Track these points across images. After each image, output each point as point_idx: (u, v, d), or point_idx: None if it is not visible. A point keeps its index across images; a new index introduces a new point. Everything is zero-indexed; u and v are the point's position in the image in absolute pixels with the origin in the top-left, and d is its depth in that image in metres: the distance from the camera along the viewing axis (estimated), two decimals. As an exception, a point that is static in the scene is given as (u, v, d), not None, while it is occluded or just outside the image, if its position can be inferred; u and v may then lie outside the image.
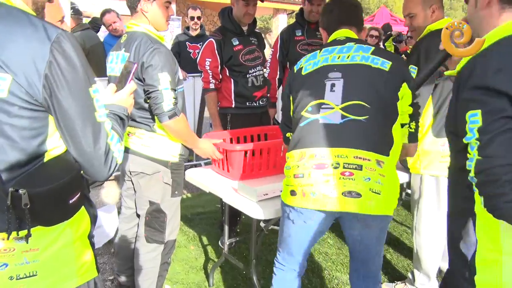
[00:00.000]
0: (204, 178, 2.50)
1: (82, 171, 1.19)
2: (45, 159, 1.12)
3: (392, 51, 5.34)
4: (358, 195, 1.61)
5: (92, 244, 1.29)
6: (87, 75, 1.14)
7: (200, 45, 4.82)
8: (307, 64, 1.84)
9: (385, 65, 1.74)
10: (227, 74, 3.06)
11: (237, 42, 3.04)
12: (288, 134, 1.98)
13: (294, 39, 3.42)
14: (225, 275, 2.87)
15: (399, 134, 1.75)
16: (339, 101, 1.69)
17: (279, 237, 1.92)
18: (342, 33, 1.88)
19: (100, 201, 4.19)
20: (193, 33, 4.93)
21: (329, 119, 1.68)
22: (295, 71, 1.87)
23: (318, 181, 1.64)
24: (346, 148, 1.64)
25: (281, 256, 1.95)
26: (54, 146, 1.14)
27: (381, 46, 5.27)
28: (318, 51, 1.85)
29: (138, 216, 2.30)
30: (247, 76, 3.07)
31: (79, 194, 1.15)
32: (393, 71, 1.73)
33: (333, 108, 1.69)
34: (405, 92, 1.74)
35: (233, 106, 3.08)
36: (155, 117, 2.07)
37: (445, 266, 2.67)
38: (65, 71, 1.09)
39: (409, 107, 1.79)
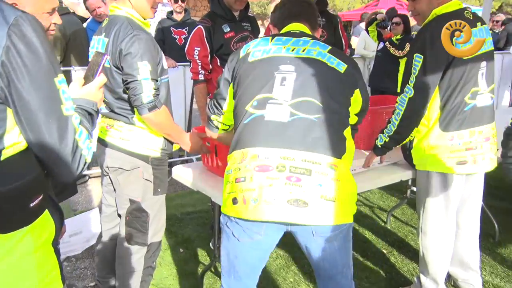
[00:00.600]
0: (192, 176, 2.46)
1: (46, 171, 1.13)
2: (2, 157, 1.07)
3: (375, 37, 5.26)
4: (305, 204, 1.51)
5: (57, 252, 1.24)
6: (51, 64, 1.09)
7: (186, 30, 4.84)
8: (256, 50, 1.72)
9: (341, 66, 1.70)
10: (218, 64, 3.02)
11: (228, 29, 3.00)
12: (214, 118, 1.86)
13: None
14: (216, 280, 2.83)
15: (351, 140, 1.71)
16: (289, 97, 1.61)
17: (222, 260, 1.75)
18: (296, 26, 1.83)
19: (84, 200, 4.14)
20: (178, 17, 4.88)
21: (276, 116, 1.58)
22: (240, 55, 1.75)
23: (261, 185, 1.51)
24: (293, 149, 1.55)
25: (226, 283, 1.76)
26: (13, 142, 1.09)
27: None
28: (270, 37, 1.76)
29: (120, 215, 2.26)
30: None
31: (41, 196, 1.09)
32: (348, 74, 1.70)
33: (281, 104, 1.60)
34: (356, 99, 1.72)
35: None
36: (135, 109, 2.03)
37: (454, 271, 2.64)
38: (26, 58, 1.04)
39: (355, 116, 1.75)
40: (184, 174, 2.48)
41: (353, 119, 1.75)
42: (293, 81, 1.62)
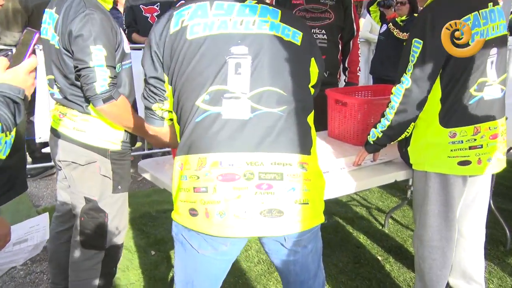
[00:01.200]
0: (159, 171, 2.34)
1: None
2: None
3: (377, 19, 5.08)
4: (280, 213, 1.43)
5: None
6: None
7: (157, 6, 4.75)
8: (194, 23, 1.49)
9: (297, 37, 1.54)
10: None
11: None
12: (157, 107, 1.60)
13: (291, 2, 3.34)
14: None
15: (313, 126, 1.60)
16: (247, 88, 1.46)
17: (176, 275, 1.64)
18: None
19: (50, 194, 4.04)
20: None
21: (235, 113, 1.44)
22: (172, 28, 1.50)
23: (228, 197, 1.41)
24: (260, 152, 1.44)
25: None
26: None
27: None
28: (207, 3, 1.52)
29: (75, 215, 2.17)
30: None
31: None
32: (304, 45, 1.55)
33: (239, 97, 1.45)
34: (313, 70, 1.58)
35: None
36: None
37: (456, 283, 2.54)
38: None
39: (312, 88, 1.62)
40: (150, 169, 2.36)
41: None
42: (249, 68, 1.46)
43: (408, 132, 2.21)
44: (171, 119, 1.63)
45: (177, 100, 1.52)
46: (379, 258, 3.13)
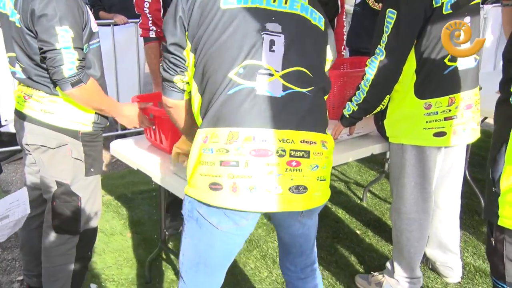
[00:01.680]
0: (132, 152, 2.33)
1: None
2: None
3: None
4: (305, 189, 1.49)
5: None
6: None
7: None
8: None
9: (321, 22, 1.61)
10: None
11: None
12: (178, 79, 1.57)
13: None
14: (167, 268, 2.74)
15: None
16: (279, 66, 1.48)
17: (184, 255, 1.63)
18: None
19: (19, 179, 3.97)
20: None
21: (269, 90, 1.46)
22: None
23: (259, 172, 1.43)
24: (291, 130, 1.47)
25: (191, 281, 1.65)
26: None
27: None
28: None
29: (46, 200, 2.13)
30: None
31: None
32: (326, 31, 1.63)
33: (273, 75, 1.47)
34: (328, 58, 1.67)
35: None
36: None
37: (432, 253, 2.60)
38: None
39: None
40: (123, 150, 2.36)
41: None
42: (282, 46, 1.49)
43: (383, 105, 2.21)
44: (190, 91, 1.61)
45: (202, 70, 1.50)
46: (358, 232, 3.17)
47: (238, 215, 1.48)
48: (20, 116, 2.03)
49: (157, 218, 3.31)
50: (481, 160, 4.14)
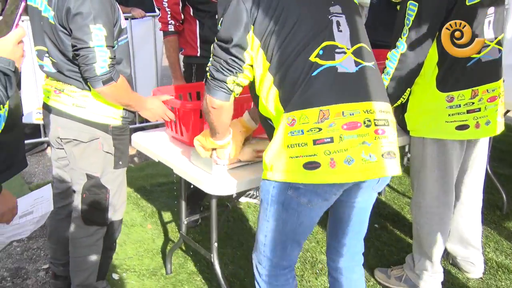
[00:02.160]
0: (153, 144, 2.37)
1: None
2: None
3: None
4: (394, 155, 1.63)
5: None
6: None
7: None
8: None
9: (358, 2, 1.78)
10: (191, 13, 2.90)
11: None
12: (231, 79, 1.62)
13: None
14: (185, 260, 2.79)
15: None
16: (348, 44, 1.62)
17: (267, 236, 1.73)
18: None
19: (41, 171, 4.04)
20: None
21: (345, 66, 1.59)
22: None
23: (353, 144, 1.54)
24: (370, 101, 1.60)
25: (278, 257, 1.76)
26: None
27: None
28: None
29: (75, 191, 2.19)
30: (216, 16, 2.84)
31: None
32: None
33: (345, 52, 1.60)
34: None
35: (198, 54, 2.94)
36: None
37: (453, 248, 2.61)
38: None
39: None
40: (144, 142, 2.39)
41: None
42: (346, 25, 1.63)
43: (404, 98, 2.21)
44: (238, 93, 1.68)
45: (278, 60, 1.58)
46: (376, 226, 3.18)
47: (330, 191, 1.60)
48: (49, 110, 2.08)
49: (176, 210, 3.34)
50: (501, 154, 4.11)
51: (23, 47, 1.30)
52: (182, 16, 2.90)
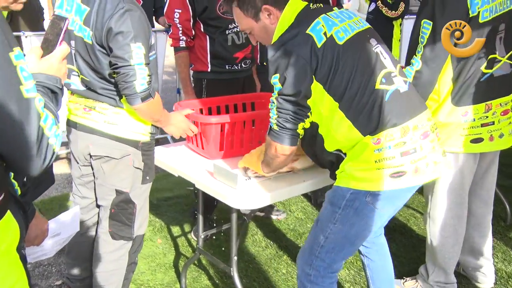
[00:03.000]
0: (172, 159, 2.42)
1: (5, 165, 1.05)
2: None
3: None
4: (444, 154, 1.96)
5: (23, 259, 1.16)
6: (4, 35, 0.99)
7: None
8: (334, 31, 1.81)
9: None
10: (201, 29, 2.96)
11: None
12: (300, 125, 1.84)
13: None
14: (199, 274, 2.82)
15: None
16: (393, 67, 1.87)
17: (328, 238, 1.91)
18: (298, 3, 1.90)
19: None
20: None
21: (401, 86, 1.85)
22: (319, 41, 1.76)
23: (429, 150, 1.84)
24: (425, 110, 1.90)
25: (331, 259, 1.94)
26: None
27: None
28: (324, 15, 1.84)
29: (98, 206, 2.23)
30: (226, 32, 2.94)
31: (2, 196, 1.00)
32: None
33: (396, 75, 1.86)
34: None
35: (209, 69, 3.00)
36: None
37: (465, 259, 2.67)
38: None
39: None
40: (163, 157, 2.43)
41: None
42: (385, 53, 1.89)
43: None
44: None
45: (349, 97, 1.78)
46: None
47: (404, 196, 1.90)
48: (76, 127, 2.11)
49: (184, 224, 3.40)
50: (500, 167, 4.19)
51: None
52: (193, 32, 2.95)
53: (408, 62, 2.23)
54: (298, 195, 3.49)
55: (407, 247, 3.13)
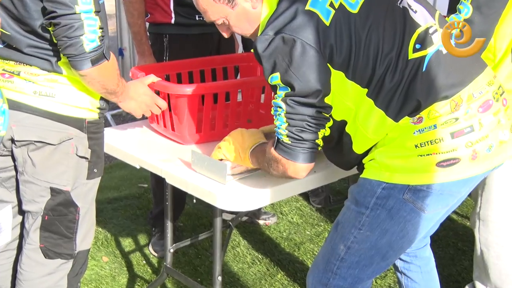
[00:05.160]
0: (127, 144, 2.39)
1: None
2: None
3: None
4: None
5: None
6: None
7: None
8: None
9: None
10: None
11: None
12: (322, 134, 1.83)
13: None
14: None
15: None
16: (431, 19, 1.84)
17: (351, 248, 1.88)
18: None
19: None
20: None
21: (443, 45, 1.77)
22: (326, 18, 1.74)
23: (492, 127, 1.78)
24: (482, 71, 1.83)
25: (353, 277, 1.92)
26: None
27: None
28: None
29: (23, 213, 2.15)
30: None
31: None
32: None
33: (437, 30, 1.82)
34: None
35: (172, 21, 3.05)
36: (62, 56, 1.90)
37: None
38: None
39: None
40: (117, 143, 2.38)
41: None
42: (416, 3, 1.84)
43: None
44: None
45: (378, 79, 1.76)
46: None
47: (457, 191, 1.82)
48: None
49: (138, 234, 3.39)
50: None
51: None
52: None
53: (452, 9, 2.19)
54: (308, 190, 3.47)
55: (443, 259, 3.15)
